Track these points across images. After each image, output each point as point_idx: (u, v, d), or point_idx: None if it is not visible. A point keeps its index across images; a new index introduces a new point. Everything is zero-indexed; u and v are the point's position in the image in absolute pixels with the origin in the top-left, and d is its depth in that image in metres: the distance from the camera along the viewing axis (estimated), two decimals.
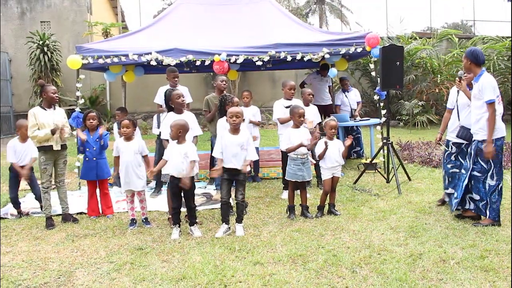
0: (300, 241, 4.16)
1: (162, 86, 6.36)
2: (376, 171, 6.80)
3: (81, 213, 5.44)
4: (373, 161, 6.83)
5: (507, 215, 4.75)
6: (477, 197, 4.58)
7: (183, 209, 4.57)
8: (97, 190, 5.39)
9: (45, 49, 13.73)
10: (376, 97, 7.31)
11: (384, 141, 6.48)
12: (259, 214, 5.14)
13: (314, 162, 5.44)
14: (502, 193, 4.54)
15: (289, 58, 6.84)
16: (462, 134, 4.85)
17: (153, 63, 6.71)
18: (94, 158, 5.29)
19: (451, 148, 5.05)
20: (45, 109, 4.95)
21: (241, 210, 4.52)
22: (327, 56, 6.81)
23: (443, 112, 5.42)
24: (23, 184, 5.77)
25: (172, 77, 6.10)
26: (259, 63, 6.84)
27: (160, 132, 6.53)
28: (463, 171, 4.77)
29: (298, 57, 6.79)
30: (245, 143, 4.47)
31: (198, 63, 6.94)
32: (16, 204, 5.50)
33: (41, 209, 5.47)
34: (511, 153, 7.80)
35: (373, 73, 7.42)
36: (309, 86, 7.98)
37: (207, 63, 6.75)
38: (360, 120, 8.24)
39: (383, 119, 6.82)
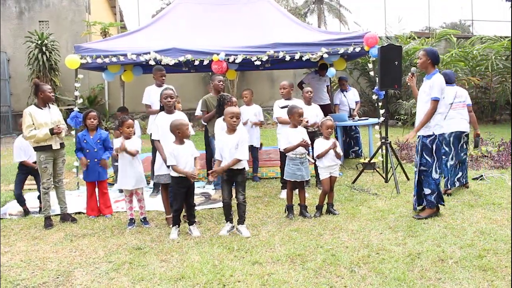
0: (299, 241, 4.16)
1: (149, 86, 6.33)
2: (375, 170, 6.80)
3: (79, 213, 5.43)
4: (372, 161, 6.83)
5: (506, 214, 4.76)
6: (428, 191, 4.76)
7: None
8: (96, 190, 5.38)
9: (44, 48, 13.71)
10: (374, 97, 7.32)
11: (383, 140, 6.49)
12: (257, 214, 5.14)
13: (313, 161, 5.44)
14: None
15: (287, 58, 6.84)
16: None
17: (152, 62, 6.71)
18: (95, 160, 5.28)
19: None
20: (41, 108, 4.92)
21: (243, 210, 4.48)
22: (325, 55, 6.82)
23: None
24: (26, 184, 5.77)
25: (159, 76, 6.11)
26: (258, 62, 6.85)
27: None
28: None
29: (297, 56, 6.80)
30: (239, 143, 4.45)
31: (196, 62, 6.94)
32: (21, 202, 5.49)
33: (40, 210, 5.46)
34: (511, 153, 7.81)
35: (371, 73, 7.41)
36: (307, 86, 7.97)
37: (205, 62, 6.75)
38: (359, 120, 8.25)
39: (382, 118, 6.82)
